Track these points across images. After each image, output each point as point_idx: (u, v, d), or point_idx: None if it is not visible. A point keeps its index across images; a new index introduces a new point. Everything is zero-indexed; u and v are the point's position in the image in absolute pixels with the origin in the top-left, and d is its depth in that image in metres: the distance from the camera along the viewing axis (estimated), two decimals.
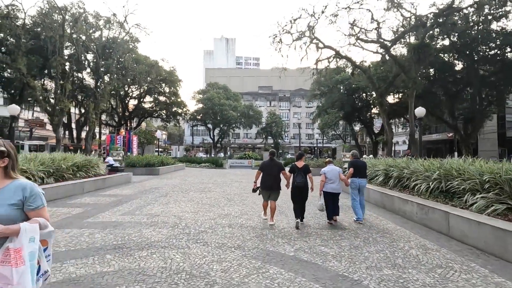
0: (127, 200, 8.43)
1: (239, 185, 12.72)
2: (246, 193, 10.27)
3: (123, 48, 29.29)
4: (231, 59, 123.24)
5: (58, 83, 20.10)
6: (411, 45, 21.31)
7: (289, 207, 6.97)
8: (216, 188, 11.55)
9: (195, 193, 10.10)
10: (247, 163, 27.33)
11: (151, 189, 11.05)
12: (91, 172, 11.24)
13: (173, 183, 13.24)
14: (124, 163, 18.24)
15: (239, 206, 7.74)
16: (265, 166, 6.01)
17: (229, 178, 15.77)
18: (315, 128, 76.55)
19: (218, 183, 13.43)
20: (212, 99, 46.19)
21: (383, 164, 9.55)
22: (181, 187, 11.62)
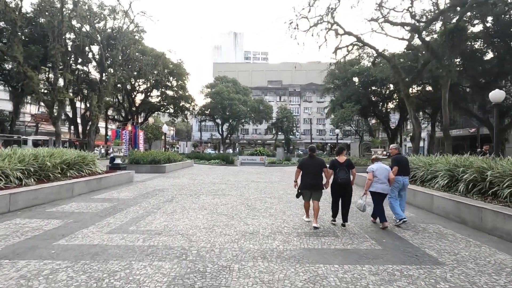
0: (123, 207, 6.69)
1: (256, 186, 10.88)
2: (269, 197, 8.43)
3: (128, 38, 27.69)
4: (240, 54, 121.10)
5: (58, 72, 18.57)
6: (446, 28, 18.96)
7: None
8: (231, 190, 9.74)
9: (207, 197, 8.31)
10: (259, 160, 25.46)
11: (155, 191, 9.31)
12: (85, 170, 9.57)
13: (180, 183, 11.51)
14: (127, 159, 16.66)
15: (266, 218, 5.90)
16: (306, 163, 5.54)
17: (244, 178, 13.96)
18: (326, 124, 74.20)
19: (232, 183, 11.63)
20: (221, 93, 44.40)
21: (444, 163, 7.57)
22: (189, 189, 9.86)
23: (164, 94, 42.43)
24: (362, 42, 23.31)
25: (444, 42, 19.52)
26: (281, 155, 27.88)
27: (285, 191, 9.74)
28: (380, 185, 5.36)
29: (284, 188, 10.30)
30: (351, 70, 38.77)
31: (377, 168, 5.43)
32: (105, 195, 8.32)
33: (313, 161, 5.47)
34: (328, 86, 45.47)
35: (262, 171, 18.23)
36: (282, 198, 8.28)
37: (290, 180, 13.06)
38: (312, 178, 5.37)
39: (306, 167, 5.48)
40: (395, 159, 5.79)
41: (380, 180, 5.37)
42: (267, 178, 13.63)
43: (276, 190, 9.83)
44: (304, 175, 5.48)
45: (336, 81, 43.87)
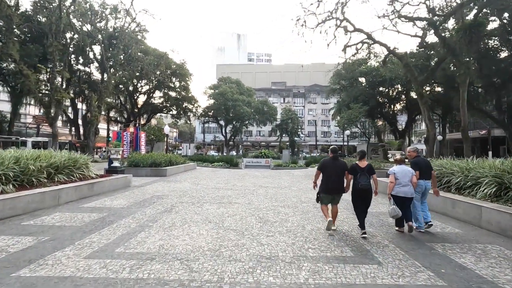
0: (113, 219, 5.70)
1: (265, 192, 9.86)
2: (281, 206, 7.40)
3: (130, 37, 26.91)
4: (243, 55, 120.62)
5: (55, 71, 17.74)
6: (464, 23, 17.87)
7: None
8: (238, 197, 8.72)
9: (211, 206, 7.30)
10: (265, 163, 24.44)
11: (153, 198, 8.32)
12: (76, 174, 8.61)
13: (182, 188, 10.51)
14: (126, 162, 15.73)
15: (283, 236, 4.86)
16: (327, 165, 5.22)
17: (250, 182, 12.94)
18: (331, 126, 73.01)
19: (238, 189, 10.61)
20: (225, 94, 43.52)
21: (487, 167, 6.50)
22: (192, 196, 8.85)
23: (167, 95, 41.66)
24: (373, 39, 22.30)
25: (461, 38, 18.44)
26: (287, 158, 26.85)
27: (298, 198, 8.70)
28: (402, 188, 5.05)
29: (297, 195, 9.26)
30: (359, 70, 37.71)
31: (400, 171, 5.13)
32: (95, 203, 7.34)
33: (335, 163, 5.17)
34: (334, 87, 44.37)
35: (269, 174, 17.19)
36: (297, 208, 7.24)
37: (301, 185, 12.01)
38: (334, 181, 5.09)
39: (328, 169, 5.15)
40: (414, 162, 5.45)
41: (402, 183, 5.06)
42: (275, 183, 12.60)
43: (288, 198, 8.79)
44: (325, 177, 5.17)
45: (342, 82, 42.80)
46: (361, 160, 5.15)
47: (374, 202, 5.72)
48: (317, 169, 5.38)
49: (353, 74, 39.69)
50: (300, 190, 10.51)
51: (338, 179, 5.10)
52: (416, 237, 4.95)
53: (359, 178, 4.93)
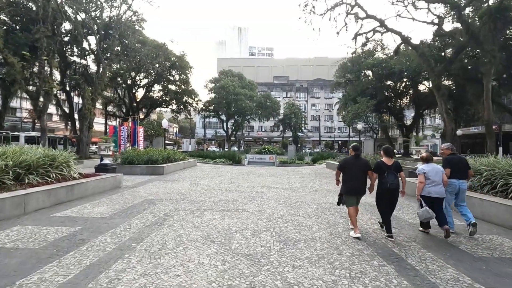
0: (86, 237, 4.34)
1: (276, 195, 8.48)
2: (300, 215, 6.02)
3: (126, 26, 25.35)
4: (244, 49, 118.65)
5: (43, 59, 16.30)
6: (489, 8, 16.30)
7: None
8: (246, 202, 7.35)
9: (213, 215, 5.93)
10: (269, 159, 23.05)
11: (144, 203, 6.97)
12: (53, 175, 7.24)
13: (179, 189, 9.15)
14: (120, 159, 14.38)
15: (316, 266, 3.47)
16: (349, 164, 4.82)
17: (257, 182, 11.57)
18: (335, 121, 71.48)
19: (244, 190, 9.24)
20: (226, 88, 42.00)
21: None
22: (190, 200, 7.49)
23: (166, 88, 40.16)
24: (386, 27, 20.73)
25: (485, 24, 16.88)
26: (292, 154, 25.46)
27: (317, 203, 7.32)
28: (433, 188, 4.71)
29: (314, 199, 7.89)
30: (366, 62, 36.09)
31: (430, 169, 4.78)
32: (71, 211, 5.98)
33: (358, 162, 4.82)
34: (340, 81, 42.75)
35: (275, 172, 15.82)
36: (320, 218, 5.86)
37: (315, 185, 10.63)
38: (356, 180, 4.74)
39: (349, 168, 4.82)
40: (447, 160, 5.13)
41: (433, 182, 4.72)
42: (285, 183, 11.23)
43: (305, 202, 7.41)
44: (347, 177, 4.83)
45: (348, 75, 41.22)
46: (387, 157, 4.77)
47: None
48: (338, 169, 5.02)
49: (360, 67, 38.09)
50: (315, 192, 9.13)
51: (361, 178, 4.74)
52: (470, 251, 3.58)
53: (387, 176, 4.56)
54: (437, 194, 4.69)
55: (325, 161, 24.08)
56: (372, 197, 5.36)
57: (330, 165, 18.88)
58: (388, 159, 4.77)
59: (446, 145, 5.40)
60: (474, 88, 24.94)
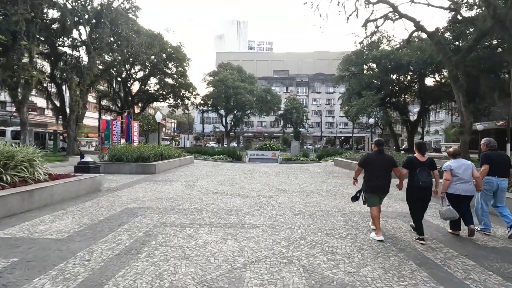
0: (14, 282, 2.80)
1: (290, 202, 6.96)
2: (329, 234, 4.48)
3: (117, 12, 23.59)
4: (243, 43, 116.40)
5: (21, 44, 14.61)
6: None
7: None
8: (253, 212, 5.81)
9: (211, 234, 4.38)
10: (271, 156, 21.54)
11: (122, 213, 5.43)
12: (8, 177, 5.67)
13: (171, 193, 7.61)
14: (107, 156, 12.81)
15: None
16: (372, 160, 4.50)
17: (262, 182, 10.05)
18: (336, 116, 69.94)
19: (249, 194, 7.72)
20: (225, 81, 40.28)
21: None
22: (183, 209, 5.96)
23: (163, 81, 38.42)
24: (399, 12, 19.11)
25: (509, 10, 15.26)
26: (296, 150, 23.94)
27: (343, 214, 5.80)
28: (462, 185, 4.40)
29: (337, 207, 6.37)
30: (372, 54, 34.42)
31: (458, 165, 4.47)
32: (20, 228, 4.42)
33: (381, 158, 4.48)
34: (343, 74, 41.07)
35: (280, 171, 14.29)
36: (357, 239, 4.33)
37: (330, 186, 9.10)
38: (380, 178, 4.38)
39: (372, 165, 4.45)
40: (485, 155, 4.75)
41: (461, 179, 4.40)
42: (295, 184, 9.70)
43: (328, 213, 5.89)
44: (370, 174, 4.46)
45: (352, 68, 39.58)
46: (420, 153, 4.45)
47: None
48: (359, 165, 4.78)
49: (365, 59, 36.46)
50: (334, 196, 7.61)
51: (385, 176, 4.45)
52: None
53: (419, 173, 4.25)
54: (465, 192, 4.41)
55: (331, 158, 22.60)
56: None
57: (339, 163, 17.39)
58: (421, 155, 4.39)
59: (486, 140, 5.04)
60: (488, 80, 23.42)
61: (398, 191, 5.22)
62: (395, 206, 6.53)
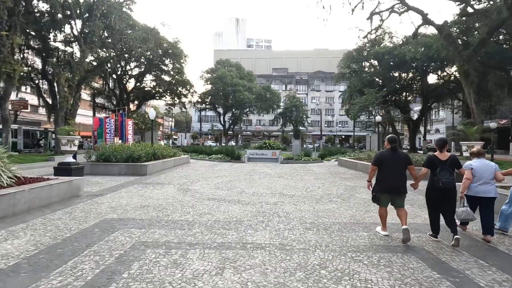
0: None
1: (298, 211, 5.98)
2: (353, 256, 3.47)
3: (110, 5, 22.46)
4: (242, 41, 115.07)
5: (3, 36, 13.50)
6: None
7: None
8: (256, 225, 4.82)
9: (204, 259, 3.37)
10: (271, 155, 20.56)
11: (96, 228, 4.42)
12: None
13: (160, 199, 6.62)
14: (94, 156, 11.79)
15: None
16: (385, 159, 4.26)
17: (264, 186, 9.06)
18: (335, 115, 69.00)
19: (250, 200, 6.73)
20: (223, 78, 39.20)
21: None
22: (171, 220, 4.96)
23: (159, 78, 37.28)
24: (406, 4, 18.17)
25: None
26: (298, 149, 22.98)
27: (365, 227, 4.80)
28: (482, 187, 4.14)
29: (355, 218, 5.38)
30: (374, 51, 33.49)
31: (478, 165, 4.22)
32: None
33: (395, 156, 4.23)
34: (344, 71, 40.10)
35: (282, 171, 13.31)
36: (394, 265, 3.34)
37: (340, 191, 8.11)
38: (395, 178, 4.14)
39: (386, 163, 4.21)
40: None
41: (482, 180, 4.14)
42: (300, 187, 8.72)
43: (346, 226, 4.90)
44: (383, 173, 4.22)
45: (353, 65, 38.65)
46: (441, 151, 4.14)
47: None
48: (373, 164, 4.41)
49: (367, 56, 35.54)
50: (347, 203, 6.64)
51: (399, 175, 4.15)
52: None
53: (440, 173, 3.95)
54: (485, 193, 4.16)
55: (333, 157, 21.67)
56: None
57: (343, 163, 16.44)
58: (442, 153, 4.15)
59: None
60: (497, 77, 22.52)
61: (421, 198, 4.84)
62: (422, 215, 5.56)
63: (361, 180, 10.44)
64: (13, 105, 37.86)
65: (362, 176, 11.52)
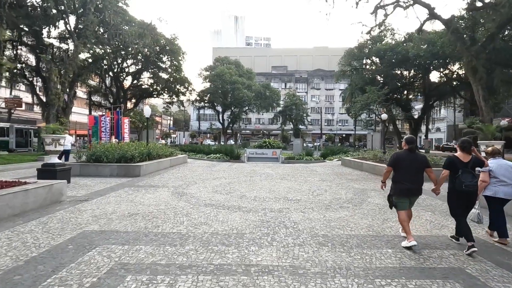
0: None
1: (307, 220, 5.28)
2: (381, 282, 2.82)
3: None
4: (241, 39, 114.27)
5: None
6: None
7: None
8: (260, 239, 4.11)
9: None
10: (272, 155, 19.88)
11: (71, 243, 3.71)
12: None
13: (151, 205, 5.91)
14: (85, 156, 11.07)
15: None
16: (402, 160, 4.00)
17: (267, 189, 8.37)
18: (335, 114, 68.38)
19: (252, 207, 6.04)
20: (222, 76, 38.41)
21: None
22: (161, 233, 4.26)
23: (156, 76, 36.48)
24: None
25: None
26: (299, 148, 22.32)
27: (387, 241, 4.11)
28: (503, 188, 3.98)
29: (373, 228, 4.68)
30: (377, 47, 32.77)
31: (497, 166, 4.09)
32: None
33: (413, 157, 3.98)
34: (345, 69, 39.39)
35: (285, 172, 12.61)
36: None
37: (350, 195, 7.42)
38: (411, 179, 3.91)
39: (403, 165, 3.97)
40: None
41: (502, 182, 3.99)
42: (305, 190, 8.03)
43: (363, 239, 4.21)
44: (399, 175, 3.98)
45: (354, 63, 37.94)
46: (464, 152, 3.90)
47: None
48: (388, 165, 4.17)
49: (369, 53, 34.84)
50: (360, 208, 5.95)
51: (417, 177, 3.94)
52: None
53: (462, 176, 3.72)
54: (506, 195, 4.00)
55: (336, 156, 21.00)
56: None
57: (347, 163, 15.77)
58: (464, 154, 3.92)
59: None
60: (503, 74, 21.87)
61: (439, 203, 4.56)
62: (447, 224, 4.88)
63: (369, 182, 9.76)
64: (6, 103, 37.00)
65: (369, 178, 10.85)
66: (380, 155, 14.46)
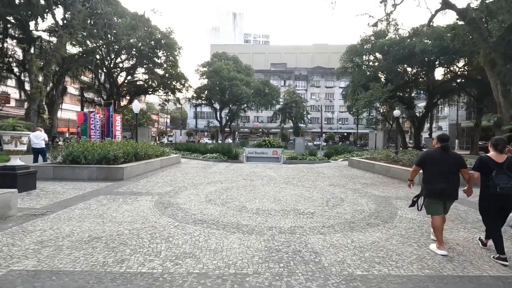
0: None
1: (328, 244, 3.94)
2: None
3: None
4: (239, 36, 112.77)
5: None
6: None
7: None
8: (272, 285, 2.77)
9: None
10: (272, 154, 18.55)
11: None
12: None
13: (124, 223, 4.55)
14: (61, 156, 9.68)
15: None
16: (434, 159, 3.67)
17: (271, 197, 7.03)
18: (335, 112, 67.15)
19: (254, 226, 4.69)
20: (220, 72, 37.00)
21: None
22: (125, 275, 2.89)
23: (151, 71, 34.97)
24: None
25: None
26: (301, 148, 20.96)
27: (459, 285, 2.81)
28: None
29: (422, 258, 3.35)
30: (380, 43, 31.47)
31: None
32: None
33: (446, 156, 3.63)
34: (346, 65, 38.05)
35: (288, 174, 11.27)
36: None
37: (371, 204, 6.06)
38: (445, 178, 3.55)
39: (435, 165, 3.63)
40: None
41: None
42: (317, 199, 6.69)
43: (427, 284, 2.88)
44: (431, 176, 3.65)
45: (356, 59, 36.64)
46: (496, 151, 3.51)
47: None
48: (416, 165, 3.91)
49: (372, 48, 33.54)
50: (395, 227, 4.62)
51: (452, 178, 3.59)
52: None
53: (496, 177, 3.34)
54: None
55: (341, 156, 19.71)
56: None
57: (355, 163, 14.47)
58: (498, 154, 3.48)
59: None
60: None
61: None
62: None
63: (388, 187, 8.45)
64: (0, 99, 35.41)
65: (385, 182, 9.54)
66: (393, 155, 13.16)
